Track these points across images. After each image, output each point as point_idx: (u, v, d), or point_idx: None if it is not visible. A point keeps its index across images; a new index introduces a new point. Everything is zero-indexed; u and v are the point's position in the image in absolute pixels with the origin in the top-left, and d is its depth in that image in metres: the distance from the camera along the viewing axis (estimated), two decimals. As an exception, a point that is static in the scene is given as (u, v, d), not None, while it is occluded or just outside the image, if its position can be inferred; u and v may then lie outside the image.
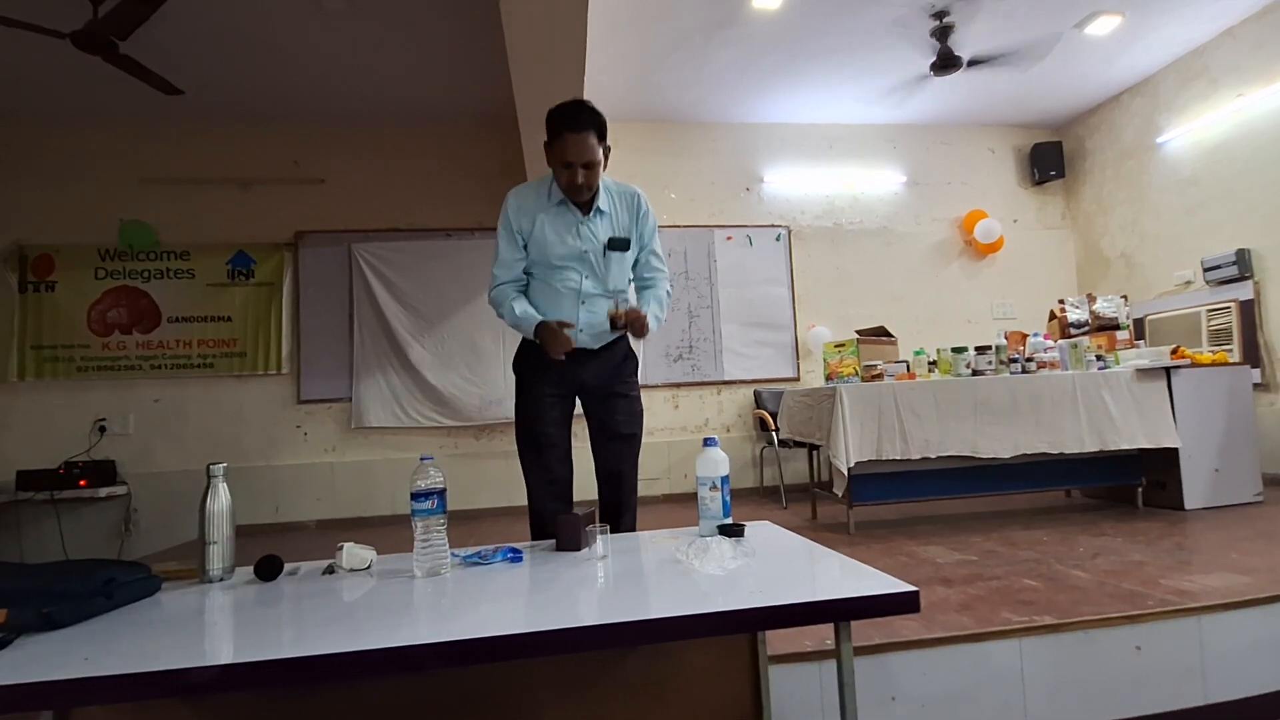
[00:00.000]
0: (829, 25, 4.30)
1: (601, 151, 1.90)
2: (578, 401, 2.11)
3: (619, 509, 2.05)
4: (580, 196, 1.94)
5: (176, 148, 4.96)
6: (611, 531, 1.67)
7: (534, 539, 1.99)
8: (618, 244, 2.00)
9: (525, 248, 2.00)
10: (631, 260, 2.07)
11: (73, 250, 4.79)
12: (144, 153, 4.93)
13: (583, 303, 1.99)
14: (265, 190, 5.06)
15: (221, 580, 1.41)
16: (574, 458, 2.10)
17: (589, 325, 1.99)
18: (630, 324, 1.91)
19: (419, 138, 5.19)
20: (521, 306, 1.98)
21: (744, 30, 4.31)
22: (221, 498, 1.41)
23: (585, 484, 2.09)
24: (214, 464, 1.43)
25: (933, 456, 3.35)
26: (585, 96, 3.57)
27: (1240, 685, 1.84)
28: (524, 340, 2.06)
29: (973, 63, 4.42)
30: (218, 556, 1.41)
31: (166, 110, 4.48)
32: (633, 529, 2.02)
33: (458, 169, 5.20)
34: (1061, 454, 3.44)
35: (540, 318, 1.94)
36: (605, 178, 2.00)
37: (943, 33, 4.31)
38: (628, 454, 2.08)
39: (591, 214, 1.98)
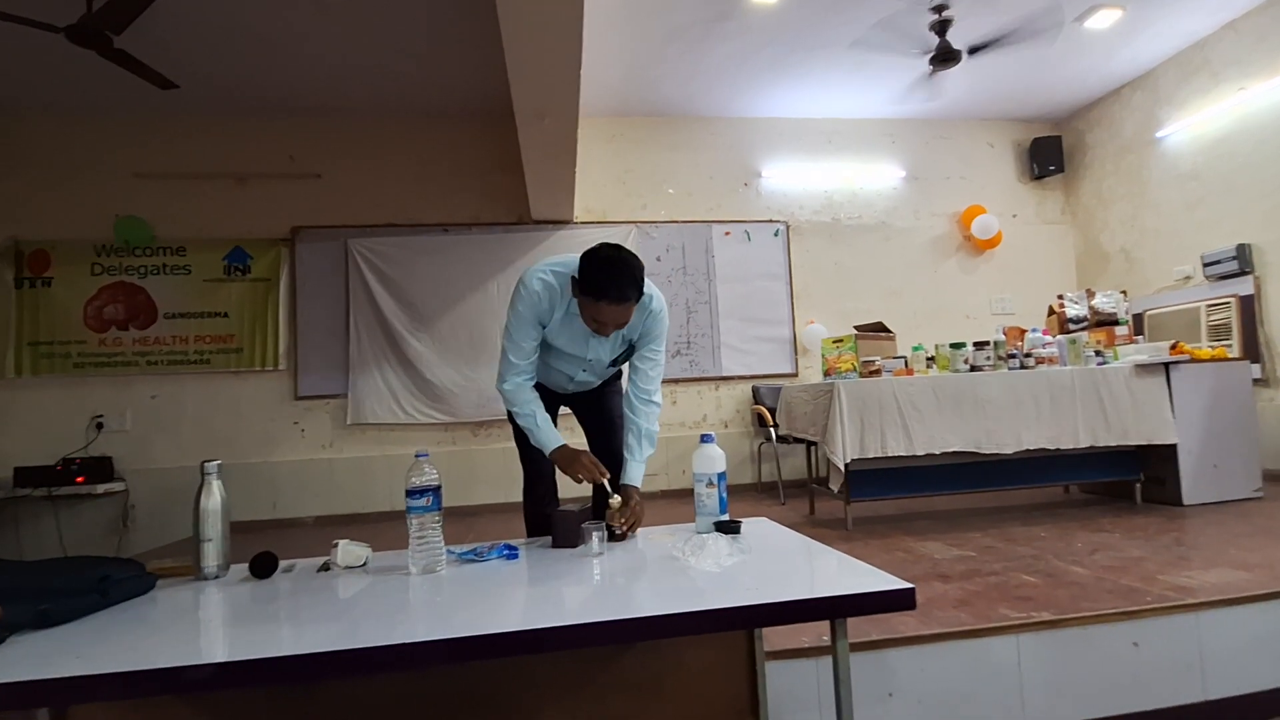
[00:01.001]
0: (827, 19, 4.29)
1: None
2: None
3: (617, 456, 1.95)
4: (606, 334, 1.80)
5: (172, 143, 4.94)
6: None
7: (526, 525, 2.07)
8: (620, 359, 1.98)
9: (541, 335, 1.90)
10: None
11: (69, 246, 4.77)
12: (139, 148, 4.90)
13: (573, 381, 2.03)
14: (261, 185, 5.04)
15: (216, 578, 1.41)
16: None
17: (580, 385, 2.07)
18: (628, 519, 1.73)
19: (415, 132, 5.17)
20: (542, 418, 1.90)
21: (742, 24, 4.28)
22: (216, 495, 1.40)
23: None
24: (208, 461, 1.42)
25: (932, 452, 3.34)
26: (583, 90, 3.57)
27: (1239, 682, 1.84)
28: None
29: (974, 50, 4.38)
30: (213, 554, 1.41)
31: (162, 105, 4.46)
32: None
33: (454, 163, 5.18)
34: (1060, 450, 3.44)
35: (558, 443, 1.86)
36: None
37: (941, 26, 4.29)
38: (617, 435, 2.03)
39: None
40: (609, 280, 1.65)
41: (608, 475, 1.74)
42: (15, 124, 4.76)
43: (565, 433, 1.89)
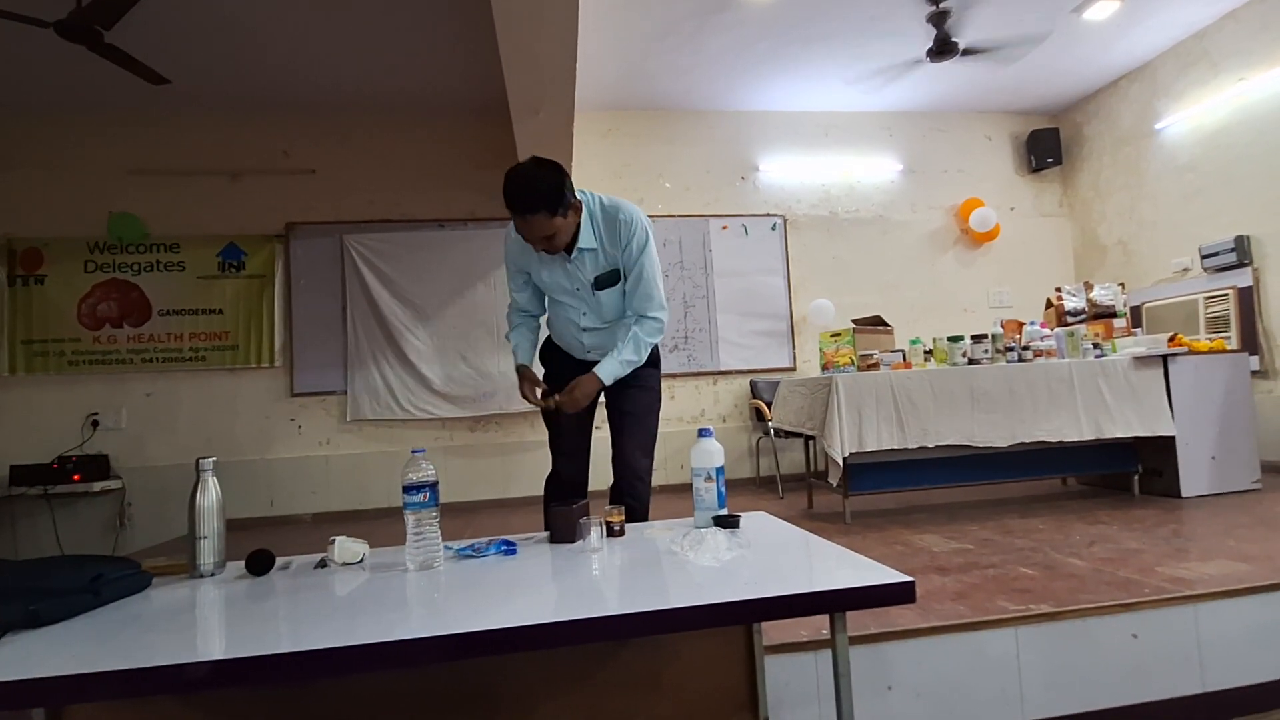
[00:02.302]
0: (823, 10, 4.26)
1: (560, 217, 1.79)
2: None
3: (622, 492, 1.99)
4: (552, 252, 1.91)
5: (164, 139, 4.91)
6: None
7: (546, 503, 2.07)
8: (604, 281, 1.96)
9: (529, 279, 2.08)
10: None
11: (61, 243, 4.74)
12: (132, 144, 4.87)
13: (584, 331, 2.05)
14: (255, 181, 5.01)
15: (212, 575, 1.40)
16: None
17: (596, 347, 2.06)
18: (561, 405, 1.91)
19: (410, 127, 5.14)
20: (516, 338, 2.12)
21: (737, 16, 4.26)
22: (211, 492, 1.40)
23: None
24: (203, 458, 1.41)
25: (929, 446, 3.34)
26: (579, 83, 3.54)
27: (1237, 673, 1.84)
28: (547, 338, 2.19)
29: (968, 52, 4.37)
30: (208, 551, 1.40)
31: (154, 100, 4.42)
32: (641, 519, 1.95)
33: (449, 158, 5.15)
34: (1058, 442, 3.44)
35: (522, 361, 2.07)
36: (594, 202, 1.94)
37: (939, 18, 4.27)
38: (633, 437, 2.04)
39: (574, 254, 1.93)
40: (506, 194, 1.76)
41: (544, 389, 1.91)
42: (6, 120, 4.73)
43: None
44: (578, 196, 1.86)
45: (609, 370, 1.91)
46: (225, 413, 4.87)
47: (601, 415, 2.11)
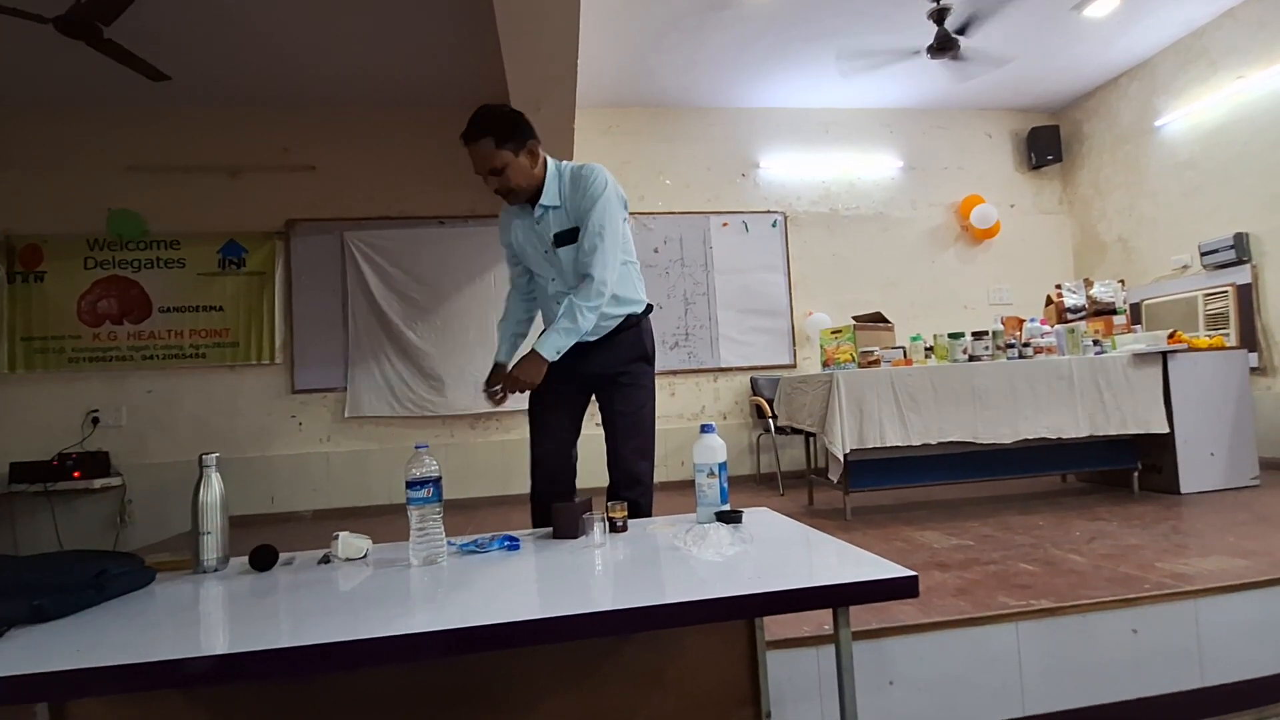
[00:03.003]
0: (824, 7, 4.25)
1: (511, 152, 1.80)
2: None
3: (619, 494, 1.91)
4: (512, 201, 1.92)
5: (164, 135, 4.89)
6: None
7: (533, 516, 2.00)
8: (564, 238, 1.90)
9: (519, 258, 2.10)
10: None
11: (61, 240, 4.73)
12: (131, 140, 4.86)
13: (557, 302, 1.93)
14: (255, 178, 5.00)
15: (216, 571, 1.40)
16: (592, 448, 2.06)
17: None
18: (508, 387, 1.85)
19: (411, 124, 5.13)
20: (501, 330, 2.16)
21: (738, 13, 4.25)
22: (214, 488, 1.40)
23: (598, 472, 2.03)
24: (206, 454, 1.41)
25: (930, 442, 3.35)
26: (579, 81, 3.54)
27: (1237, 668, 1.84)
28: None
29: (962, 30, 4.35)
30: (211, 547, 1.40)
31: (153, 97, 4.40)
32: (646, 513, 1.90)
33: (450, 155, 5.07)
34: (1058, 439, 3.45)
35: (500, 357, 2.10)
36: (565, 167, 1.92)
37: (939, 15, 4.26)
38: (628, 439, 1.96)
39: (539, 212, 1.91)
40: (466, 125, 1.80)
41: (497, 387, 1.90)
42: (5, 116, 4.71)
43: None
44: (538, 143, 1.87)
45: (547, 344, 1.80)
46: (226, 410, 4.87)
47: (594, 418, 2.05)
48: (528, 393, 1.91)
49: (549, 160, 1.92)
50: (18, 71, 4.27)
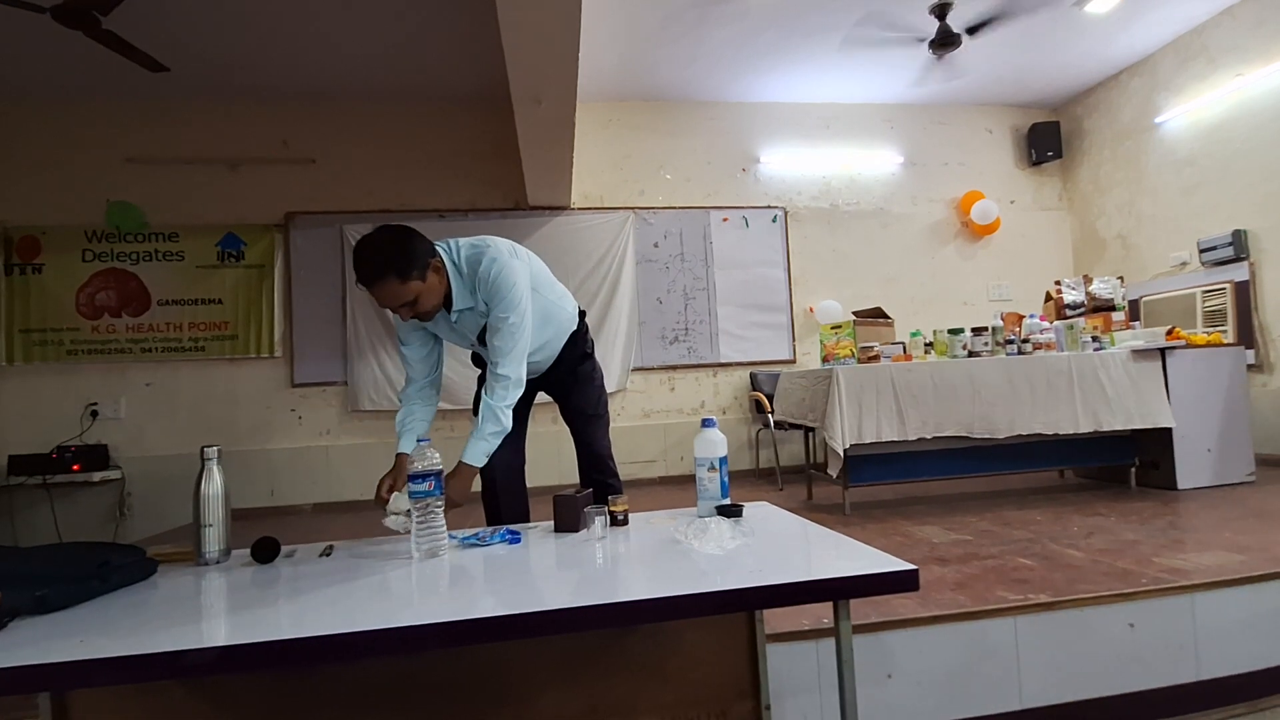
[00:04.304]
0: (825, 2, 4.24)
1: (417, 280, 1.65)
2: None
3: (590, 478, 2.09)
4: (427, 320, 1.80)
5: (163, 127, 4.87)
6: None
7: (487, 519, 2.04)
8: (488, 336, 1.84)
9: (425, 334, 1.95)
10: None
11: (59, 232, 4.72)
12: (130, 132, 4.84)
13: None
14: (254, 170, 4.98)
15: (218, 563, 1.40)
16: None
17: (534, 367, 2.03)
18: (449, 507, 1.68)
19: (411, 117, 5.11)
20: (401, 427, 1.94)
21: (740, 7, 4.24)
22: (216, 480, 1.40)
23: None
24: (208, 447, 1.41)
25: (929, 438, 3.36)
26: (580, 74, 3.53)
27: (1232, 662, 1.86)
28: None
29: (972, 30, 4.35)
30: (213, 539, 1.40)
31: (152, 88, 4.39)
32: (619, 491, 1.93)
33: (450, 149, 5.13)
34: (1056, 435, 3.46)
35: (402, 449, 1.88)
36: (457, 254, 1.78)
37: (941, 9, 4.26)
38: (593, 428, 2.13)
39: (455, 316, 1.83)
40: (357, 266, 1.64)
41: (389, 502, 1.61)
42: (3, 108, 4.69)
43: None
44: (438, 253, 1.72)
45: (475, 453, 1.73)
46: (225, 403, 4.87)
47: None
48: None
49: (445, 260, 1.75)
50: (15, 62, 4.25)
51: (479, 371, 2.19)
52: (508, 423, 1.77)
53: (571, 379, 2.13)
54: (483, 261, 1.75)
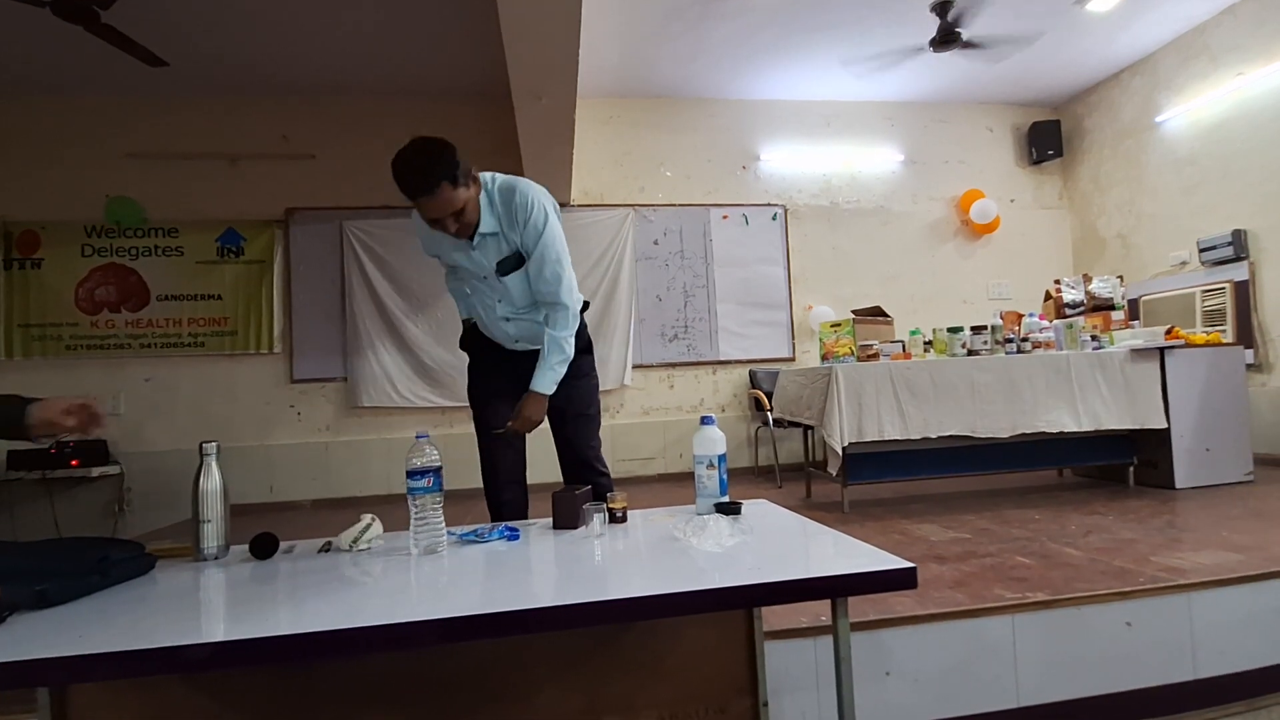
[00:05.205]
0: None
1: (465, 188, 1.71)
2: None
3: (583, 479, 1.99)
4: (462, 236, 1.84)
5: (163, 122, 4.86)
6: None
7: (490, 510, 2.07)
8: (507, 266, 1.88)
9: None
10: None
11: (58, 227, 4.71)
12: (129, 127, 4.83)
13: (506, 320, 1.98)
14: (254, 166, 4.97)
15: (216, 558, 1.40)
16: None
17: (523, 338, 2.01)
18: (519, 428, 1.89)
19: (411, 112, 5.10)
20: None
21: (741, 4, 4.23)
22: (215, 476, 1.39)
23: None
24: (206, 442, 1.41)
25: (928, 436, 3.36)
26: (580, 70, 3.52)
27: (1229, 660, 1.86)
28: (469, 324, 2.14)
29: (969, 44, 4.35)
30: (212, 534, 1.40)
31: (152, 83, 4.38)
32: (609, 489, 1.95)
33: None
34: (1055, 433, 3.46)
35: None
36: (490, 182, 1.85)
37: (942, 8, 4.25)
38: (582, 429, 2.05)
39: (476, 241, 1.85)
40: (396, 179, 1.72)
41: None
42: (2, 103, 4.68)
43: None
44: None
45: (545, 381, 1.86)
46: (224, 399, 4.87)
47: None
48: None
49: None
50: (15, 56, 4.24)
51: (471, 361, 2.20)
52: (570, 350, 1.89)
53: (570, 370, 2.02)
54: (517, 193, 1.81)
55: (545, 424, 2.02)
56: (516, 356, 2.01)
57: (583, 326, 2.11)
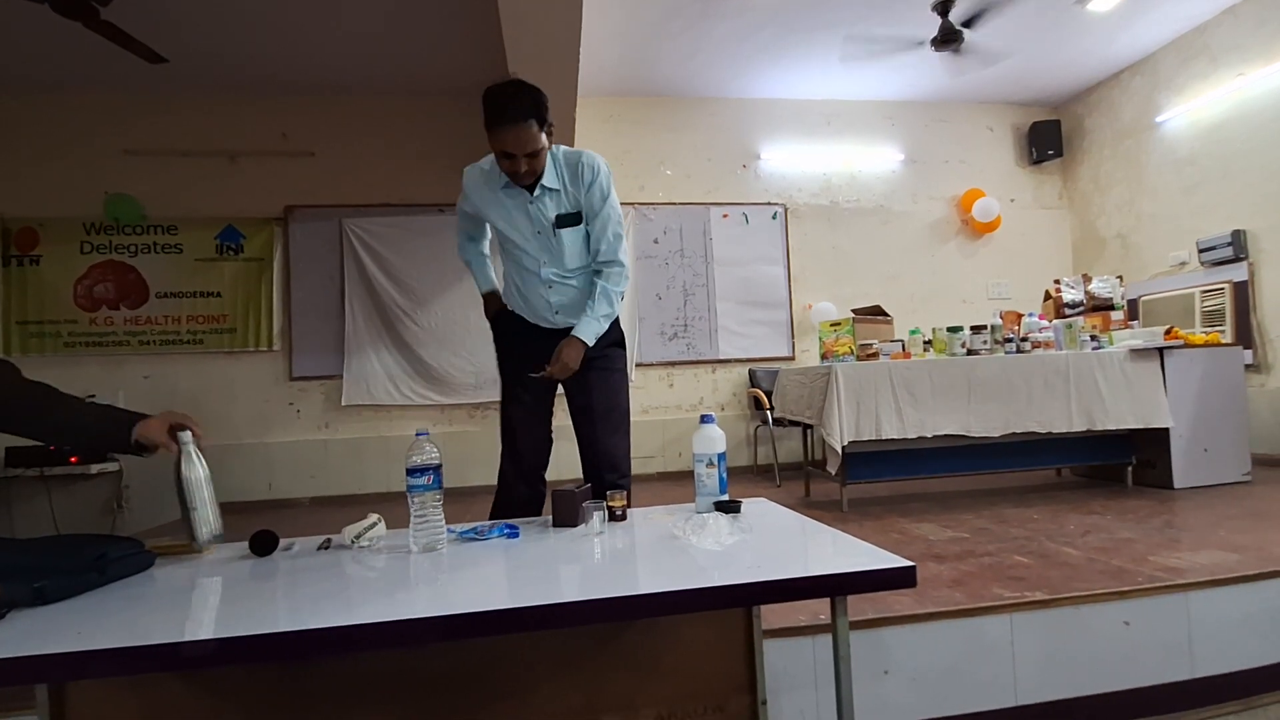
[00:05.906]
0: (828, -2, 4.23)
1: (546, 134, 1.78)
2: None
3: (603, 480, 1.91)
4: (524, 183, 1.87)
5: (162, 119, 4.85)
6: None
7: (492, 514, 2.00)
8: (566, 220, 1.92)
9: (483, 223, 2.15)
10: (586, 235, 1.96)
11: (57, 224, 4.70)
12: (129, 124, 4.82)
13: (549, 286, 1.98)
14: (254, 163, 4.97)
15: (213, 544, 1.40)
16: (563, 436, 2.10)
17: (563, 307, 2.00)
18: (556, 372, 1.91)
19: (411, 110, 5.10)
20: (472, 259, 2.26)
21: (742, 2, 4.23)
22: (195, 464, 1.37)
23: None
24: (181, 431, 1.40)
25: (927, 435, 3.36)
26: (580, 69, 3.52)
27: (1226, 660, 1.87)
28: (502, 307, 2.13)
29: (970, 44, 4.35)
30: (203, 522, 1.38)
31: (151, 80, 4.36)
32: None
33: (450, 142, 5.09)
34: (1053, 433, 3.46)
35: (487, 287, 2.20)
36: (555, 148, 1.90)
37: (944, 7, 4.25)
38: (607, 421, 1.97)
39: (537, 193, 1.89)
40: (496, 101, 1.73)
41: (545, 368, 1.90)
42: (1, 99, 4.67)
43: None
44: None
45: (589, 330, 1.90)
46: (223, 396, 4.86)
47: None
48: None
49: None
50: (14, 53, 4.23)
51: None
52: (617, 308, 1.97)
53: (602, 361, 1.97)
54: (584, 155, 1.91)
55: (569, 425, 2.02)
56: (555, 337, 1.94)
57: (616, 320, 2.06)
